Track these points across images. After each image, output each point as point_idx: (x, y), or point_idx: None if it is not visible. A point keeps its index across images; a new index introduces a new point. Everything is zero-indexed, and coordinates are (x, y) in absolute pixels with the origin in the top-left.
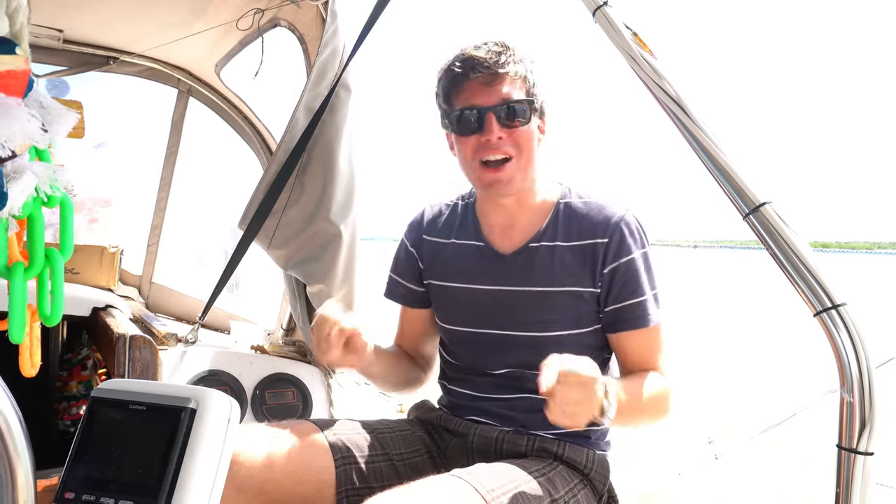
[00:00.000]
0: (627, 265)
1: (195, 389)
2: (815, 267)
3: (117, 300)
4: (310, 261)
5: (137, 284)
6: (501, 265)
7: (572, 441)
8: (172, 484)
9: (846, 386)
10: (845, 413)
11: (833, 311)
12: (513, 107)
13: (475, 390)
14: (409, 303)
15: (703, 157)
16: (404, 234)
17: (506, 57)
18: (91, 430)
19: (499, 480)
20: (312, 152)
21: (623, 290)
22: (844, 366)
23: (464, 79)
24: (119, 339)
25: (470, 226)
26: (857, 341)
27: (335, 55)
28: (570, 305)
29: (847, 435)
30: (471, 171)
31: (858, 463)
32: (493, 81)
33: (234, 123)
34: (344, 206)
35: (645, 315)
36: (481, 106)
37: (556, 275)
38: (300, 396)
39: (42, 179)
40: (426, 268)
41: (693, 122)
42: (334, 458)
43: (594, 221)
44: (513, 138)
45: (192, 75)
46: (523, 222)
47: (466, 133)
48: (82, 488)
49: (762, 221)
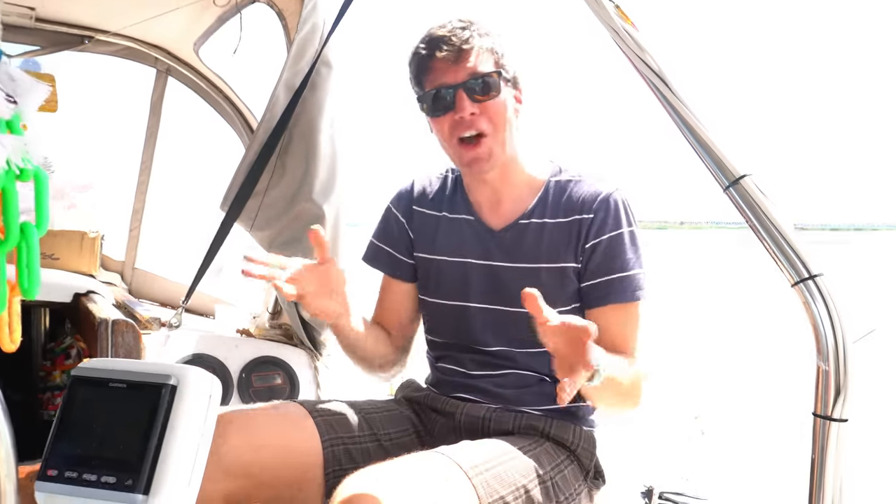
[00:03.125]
0: (611, 241)
1: (176, 367)
2: (793, 239)
3: (99, 286)
4: (293, 242)
5: (120, 270)
6: (491, 240)
7: (559, 418)
8: (154, 459)
9: (822, 354)
10: (821, 381)
11: (810, 282)
12: (481, 80)
13: (462, 367)
14: (394, 272)
15: (684, 130)
16: (391, 203)
17: (469, 32)
18: (72, 409)
19: (483, 456)
20: (294, 131)
21: (603, 264)
22: (820, 335)
23: (430, 59)
24: (101, 324)
25: (459, 199)
26: (833, 310)
27: (315, 31)
28: (555, 283)
29: (822, 403)
30: (450, 151)
31: (833, 430)
32: (460, 58)
33: (215, 103)
34: (327, 187)
35: (623, 291)
36: (450, 84)
37: (542, 252)
38: (287, 379)
39: (13, 152)
40: (416, 239)
41: (674, 94)
42: (321, 439)
43: (581, 198)
44: (486, 112)
45: (170, 54)
46: (511, 198)
47: (440, 113)
48: (64, 465)
49: (742, 194)
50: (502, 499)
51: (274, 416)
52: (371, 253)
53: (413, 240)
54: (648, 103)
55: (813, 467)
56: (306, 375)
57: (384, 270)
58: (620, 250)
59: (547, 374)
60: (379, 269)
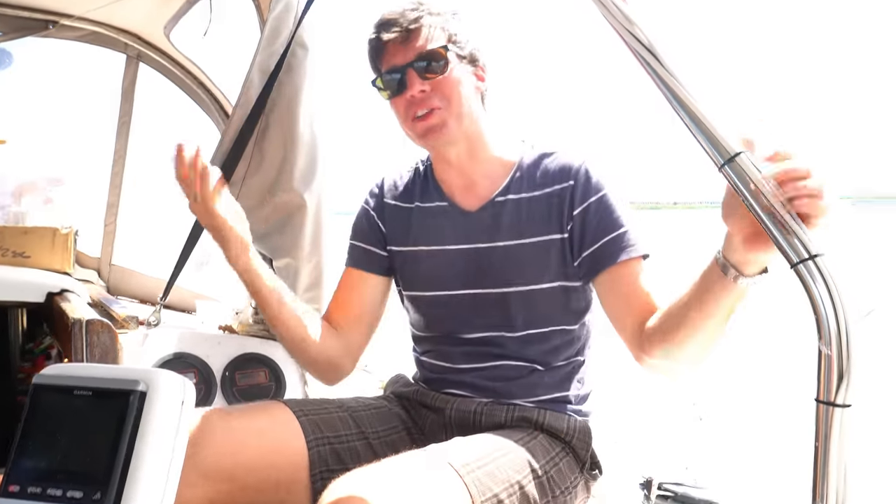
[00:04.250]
0: (599, 202)
1: (144, 371)
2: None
3: (74, 284)
4: (274, 234)
5: (97, 267)
6: (468, 223)
7: (553, 409)
8: (124, 471)
9: (824, 339)
10: (823, 366)
11: (810, 262)
12: (429, 57)
13: (449, 361)
14: (365, 265)
15: (676, 107)
16: (364, 202)
17: (418, 13)
18: (34, 420)
19: (475, 453)
20: (270, 117)
21: (600, 226)
22: (822, 318)
23: (380, 42)
24: (75, 324)
25: (431, 188)
26: (835, 292)
27: (289, 10)
28: (541, 258)
29: (825, 388)
30: (407, 131)
31: (837, 416)
32: (409, 38)
33: (188, 89)
34: (307, 174)
35: (630, 246)
36: (400, 65)
37: (523, 227)
38: (272, 376)
39: None
40: (389, 233)
41: (665, 68)
42: (307, 439)
43: (558, 168)
44: (438, 89)
45: (140, 39)
46: (484, 177)
47: (394, 94)
48: (27, 480)
49: (738, 172)
50: (496, 496)
51: (256, 416)
52: (349, 254)
53: (386, 234)
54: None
55: (816, 454)
56: (292, 372)
57: (357, 265)
58: (612, 209)
59: (539, 363)
60: (352, 265)
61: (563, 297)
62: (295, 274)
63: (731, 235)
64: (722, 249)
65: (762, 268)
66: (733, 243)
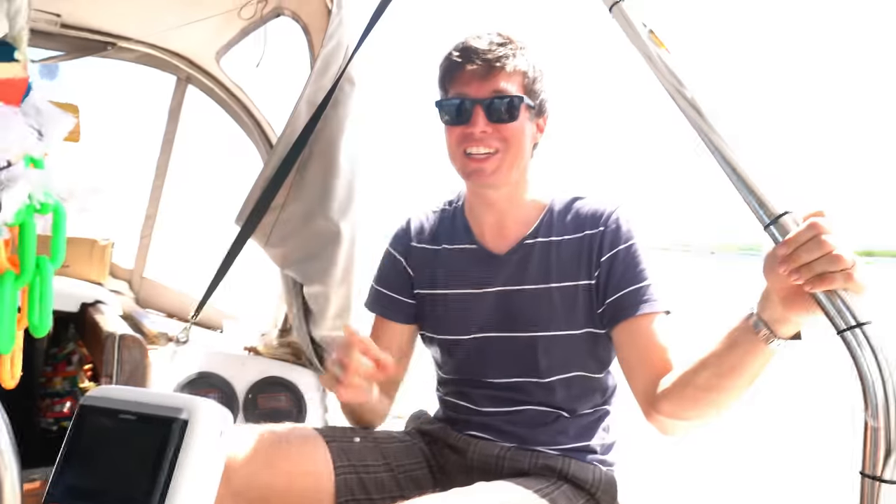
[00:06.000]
0: (627, 251)
1: (187, 399)
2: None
3: (107, 295)
4: (308, 260)
5: (128, 279)
6: (496, 265)
7: (577, 457)
8: (162, 496)
9: (870, 410)
10: (869, 438)
11: (857, 330)
12: (503, 102)
13: (473, 403)
14: (392, 315)
15: (724, 166)
16: (389, 244)
17: (506, 50)
18: (79, 439)
19: (496, 501)
20: (314, 148)
21: (625, 275)
22: (869, 388)
23: (459, 68)
24: (108, 339)
25: (461, 229)
26: (884, 362)
27: (340, 47)
28: (568, 303)
29: (871, 462)
30: (455, 160)
31: (883, 491)
32: (489, 74)
33: (234, 114)
34: (345, 205)
35: (653, 300)
36: (472, 97)
37: (552, 271)
38: (294, 400)
39: (36, 187)
40: (416, 277)
41: (714, 130)
42: (334, 466)
43: (589, 214)
44: (500, 133)
45: (191, 63)
46: (515, 220)
47: (453, 122)
48: (68, 498)
49: (783, 233)
50: None
51: (287, 438)
52: (371, 297)
53: (413, 277)
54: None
55: None
56: (314, 398)
57: (382, 314)
58: (639, 260)
59: (564, 409)
60: (378, 312)
61: (591, 343)
62: (325, 300)
63: (769, 292)
64: (756, 306)
65: (796, 331)
66: (772, 300)
